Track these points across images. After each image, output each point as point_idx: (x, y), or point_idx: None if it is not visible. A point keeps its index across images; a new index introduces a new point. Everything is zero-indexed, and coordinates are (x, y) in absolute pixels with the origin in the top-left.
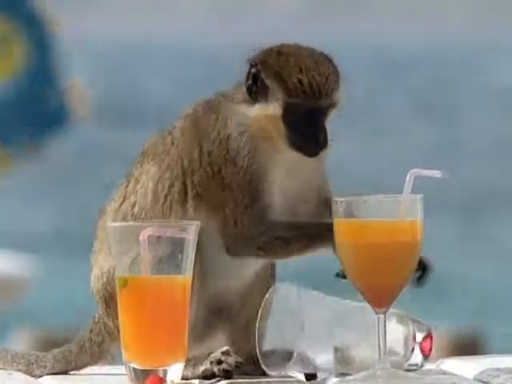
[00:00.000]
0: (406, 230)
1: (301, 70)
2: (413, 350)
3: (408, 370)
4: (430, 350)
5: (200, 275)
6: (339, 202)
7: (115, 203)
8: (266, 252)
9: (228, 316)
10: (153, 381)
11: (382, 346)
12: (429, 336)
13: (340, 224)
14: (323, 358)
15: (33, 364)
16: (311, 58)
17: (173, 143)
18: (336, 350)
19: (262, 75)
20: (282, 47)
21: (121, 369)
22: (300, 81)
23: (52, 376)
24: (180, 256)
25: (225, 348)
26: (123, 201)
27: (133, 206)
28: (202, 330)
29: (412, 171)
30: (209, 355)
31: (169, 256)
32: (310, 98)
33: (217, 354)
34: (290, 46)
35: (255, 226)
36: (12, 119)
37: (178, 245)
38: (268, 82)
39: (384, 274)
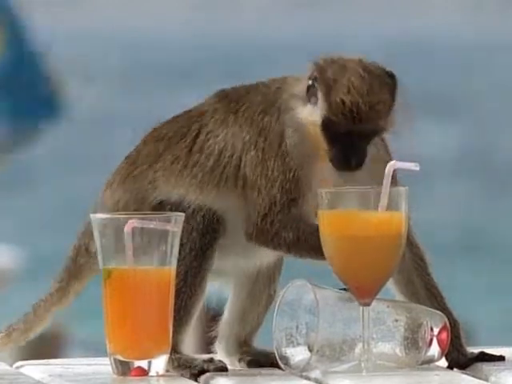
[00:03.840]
0: (390, 223)
1: (349, 92)
2: (430, 342)
3: (424, 363)
4: (447, 343)
5: (220, 253)
6: (324, 193)
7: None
8: (282, 247)
9: (231, 304)
10: (137, 372)
11: (366, 338)
12: (445, 327)
13: (324, 215)
14: (340, 355)
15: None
16: (367, 80)
17: (240, 112)
18: (353, 346)
19: (317, 81)
20: (348, 61)
21: (104, 360)
22: (343, 102)
23: (33, 366)
24: (164, 248)
25: (208, 357)
26: (189, 153)
27: (193, 166)
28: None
29: (391, 163)
30: (191, 361)
31: (153, 248)
32: (349, 121)
33: (199, 365)
34: (357, 62)
35: (285, 225)
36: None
37: (162, 236)
38: (318, 90)
39: (368, 266)
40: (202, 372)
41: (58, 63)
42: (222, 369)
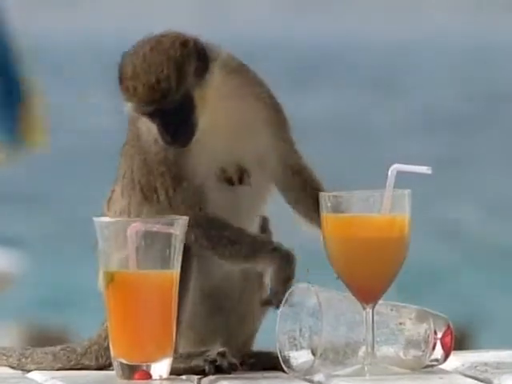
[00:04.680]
0: (393, 225)
1: (133, 76)
2: (434, 345)
3: (427, 366)
4: (451, 346)
5: (200, 266)
6: (327, 197)
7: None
8: (201, 238)
9: (225, 309)
10: (141, 376)
11: (369, 341)
12: (449, 330)
13: (328, 219)
14: (343, 358)
15: (27, 358)
16: (148, 60)
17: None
18: (356, 349)
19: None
20: (138, 44)
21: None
22: (126, 89)
23: (41, 371)
24: (167, 251)
25: (222, 349)
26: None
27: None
28: (200, 323)
29: (394, 166)
30: (204, 352)
31: (156, 251)
32: (140, 105)
33: (213, 354)
34: (146, 42)
35: (190, 208)
36: None
37: (165, 240)
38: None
39: (371, 269)
40: (215, 362)
41: (55, 61)
42: (234, 367)
